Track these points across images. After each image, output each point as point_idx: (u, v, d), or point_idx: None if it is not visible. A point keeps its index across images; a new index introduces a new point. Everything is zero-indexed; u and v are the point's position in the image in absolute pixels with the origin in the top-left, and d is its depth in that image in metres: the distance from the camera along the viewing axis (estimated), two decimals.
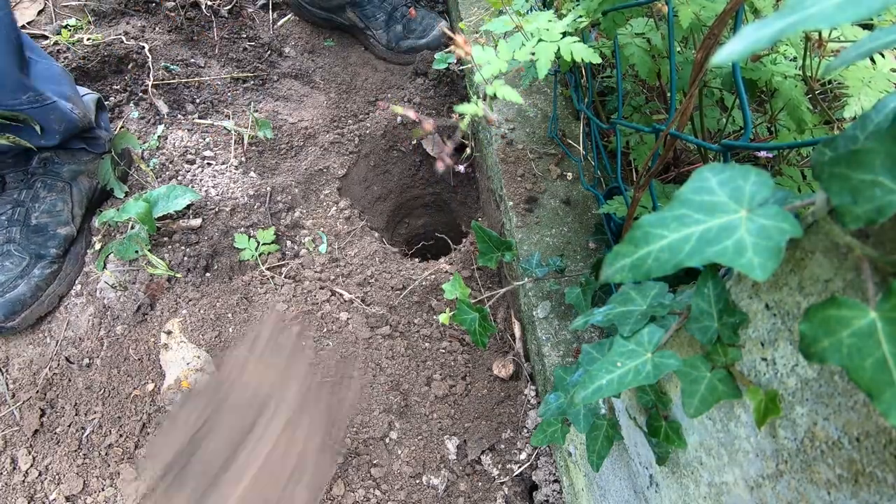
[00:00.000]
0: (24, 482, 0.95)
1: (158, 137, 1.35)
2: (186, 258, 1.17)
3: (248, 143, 1.38)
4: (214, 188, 1.30)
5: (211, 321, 1.10)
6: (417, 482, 0.97)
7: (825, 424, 0.35)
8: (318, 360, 1.08)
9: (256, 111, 1.45)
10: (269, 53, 1.61)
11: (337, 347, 1.10)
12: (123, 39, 1.48)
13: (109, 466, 0.97)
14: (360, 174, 1.51)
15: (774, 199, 0.32)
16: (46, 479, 0.96)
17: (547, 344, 0.88)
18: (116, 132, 1.33)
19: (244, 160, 1.36)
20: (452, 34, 0.55)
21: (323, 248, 1.26)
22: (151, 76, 1.44)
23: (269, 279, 1.18)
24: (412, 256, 1.34)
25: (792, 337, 0.37)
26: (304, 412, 0.71)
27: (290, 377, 0.74)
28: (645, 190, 0.66)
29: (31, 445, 0.99)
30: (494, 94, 0.57)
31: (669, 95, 0.60)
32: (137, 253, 1.15)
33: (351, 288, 1.19)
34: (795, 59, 0.71)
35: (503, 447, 1.01)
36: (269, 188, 1.32)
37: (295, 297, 1.16)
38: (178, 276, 1.15)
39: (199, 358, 0.99)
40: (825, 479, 0.35)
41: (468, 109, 0.56)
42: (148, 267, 1.14)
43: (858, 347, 0.27)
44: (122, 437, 0.99)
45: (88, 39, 1.46)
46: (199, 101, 1.45)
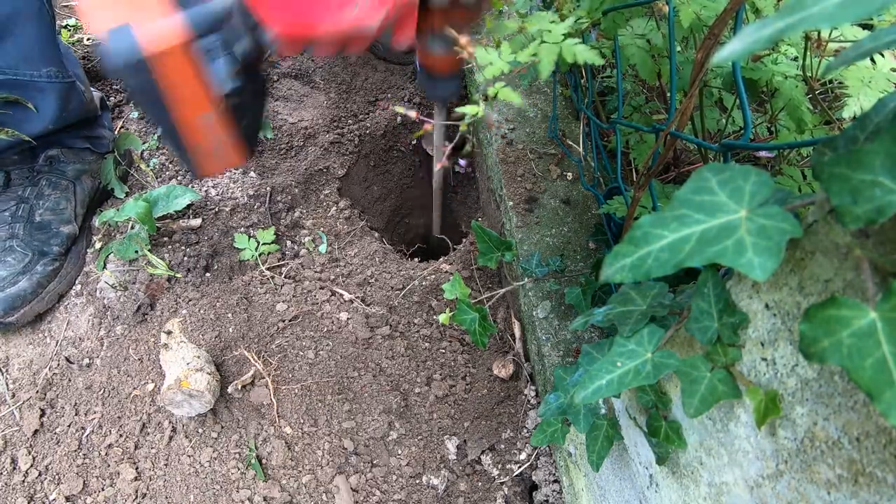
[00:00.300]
0: (24, 482, 0.95)
1: (158, 137, 1.35)
2: (186, 258, 1.17)
3: None
4: (214, 188, 1.30)
5: (211, 321, 1.10)
6: (417, 482, 0.97)
7: (825, 424, 0.35)
8: (317, 359, 1.08)
9: None
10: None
11: (337, 347, 1.10)
12: None
13: (109, 466, 0.97)
14: (360, 174, 1.51)
15: (774, 199, 0.32)
16: (46, 479, 0.96)
17: (547, 344, 0.88)
18: (118, 132, 1.33)
19: None
20: (456, 36, 0.55)
21: (323, 248, 1.26)
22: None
23: (269, 279, 1.18)
24: (412, 256, 1.34)
25: (792, 337, 0.37)
26: None
27: None
28: (645, 190, 0.66)
29: (31, 445, 0.99)
30: (495, 94, 0.57)
31: (669, 95, 0.60)
32: (137, 253, 1.15)
33: (351, 288, 1.19)
34: (796, 58, 0.71)
35: (503, 447, 1.01)
36: (269, 188, 1.32)
37: (295, 297, 1.16)
38: (178, 276, 1.15)
39: (199, 358, 0.99)
40: (825, 479, 0.35)
41: (469, 110, 0.56)
42: (148, 267, 1.14)
43: (858, 347, 0.27)
44: (122, 437, 0.99)
45: (88, 39, 1.46)
46: None
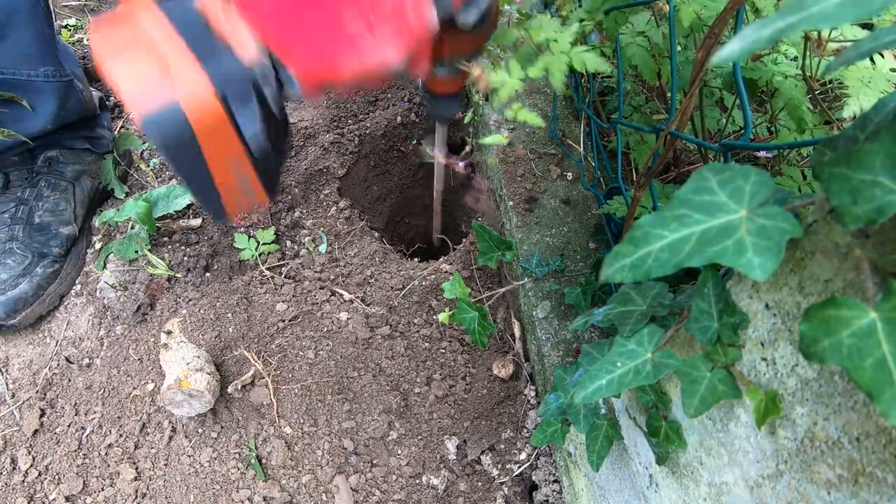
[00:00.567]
0: (24, 482, 0.95)
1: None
2: (186, 258, 1.17)
3: None
4: None
5: (211, 321, 1.10)
6: (417, 482, 0.97)
7: (825, 424, 0.35)
8: (317, 359, 1.08)
9: None
10: None
11: (337, 347, 1.10)
12: None
13: (109, 466, 0.97)
14: (360, 174, 1.51)
15: (774, 199, 0.32)
16: (46, 479, 0.96)
17: (547, 344, 0.88)
18: (118, 133, 1.33)
19: None
20: (468, 67, 0.54)
21: (323, 247, 1.26)
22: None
23: (269, 279, 1.18)
24: (412, 257, 1.34)
25: (792, 337, 0.37)
26: None
27: None
28: (645, 190, 0.66)
29: (31, 445, 0.99)
30: (514, 116, 0.57)
31: (670, 95, 0.60)
32: (137, 253, 1.15)
33: (351, 288, 1.19)
34: (796, 58, 0.71)
35: (503, 447, 1.01)
36: None
37: (295, 297, 1.16)
38: (178, 276, 1.15)
39: (199, 358, 0.99)
40: (825, 479, 0.35)
41: (495, 141, 0.56)
42: (148, 267, 1.14)
43: (858, 347, 0.27)
44: (122, 437, 0.99)
45: (88, 39, 1.46)
46: None
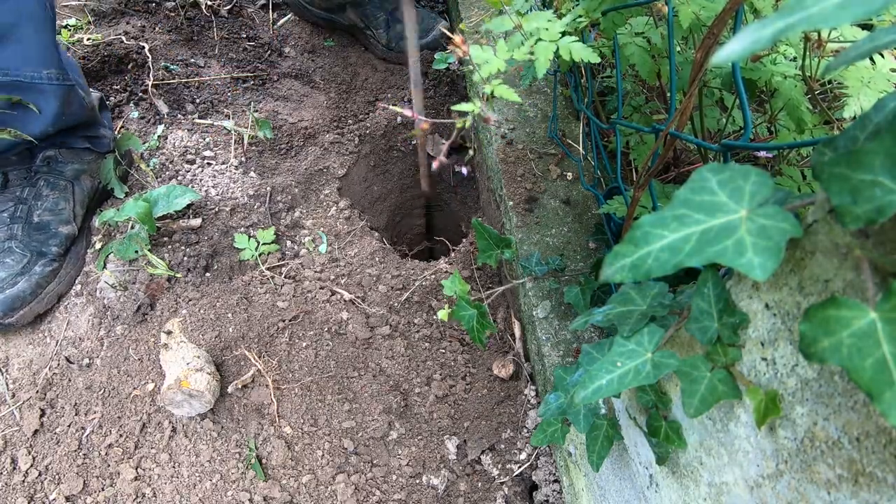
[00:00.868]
0: (24, 482, 0.95)
1: (158, 137, 1.35)
2: (186, 258, 1.17)
3: (248, 143, 1.38)
4: (214, 188, 1.30)
5: (211, 321, 1.10)
6: (417, 482, 0.97)
7: (825, 424, 0.35)
8: (317, 359, 1.08)
9: (256, 111, 1.45)
10: (269, 53, 1.61)
11: (337, 347, 1.10)
12: (123, 39, 1.48)
13: (109, 466, 0.97)
14: (360, 174, 1.51)
15: (774, 199, 0.32)
16: (46, 479, 0.96)
17: (547, 344, 0.88)
18: (118, 132, 1.33)
19: (244, 160, 1.36)
20: (451, 34, 0.55)
21: (323, 247, 1.26)
22: (151, 76, 1.44)
23: (269, 279, 1.18)
24: (412, 257, 1.34)
25: (792, 337, 0.37)
26: None
27: None
28: (645, 190, 0.66)
29: (31, 445, 0.99)
30: (492, 92, 0.57)
31: (669, 95, 0.60)
32: (137, 253, 1.15)
33: (351, 288, 1.19)
34: (795, 59, 0.71)
35: (503, 447, 1.01)
36: (269, 188, 1.32)
37: (295, 296, 1.16)
38: (178, 276, 1.15)
39: (199, 358, 0.99)
40: (825, 479, 0.35)
41: (467, 108, 0.56)
42: (148, 267, 1.14)
43: (858, 347, 0.27)
44: (122, 437, 0.99)
45: (88, 39, 1.46)
46: (199, 101, 1.45)
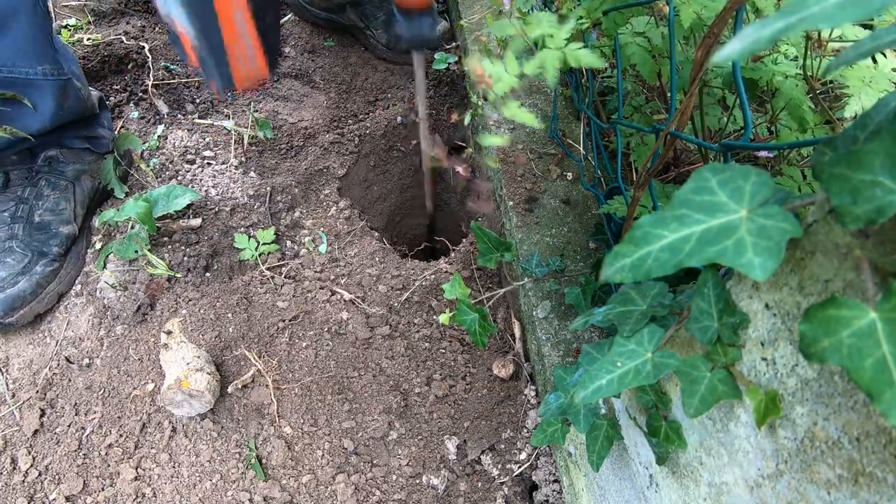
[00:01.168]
0: (24, 482, 0.95)
1: (158, 137, 1.35)
2: (186, 258, 1.17)
3: (248, 143, 1.38)
4: (214, 188, 1.30)
5: (211, 321, 1.10)
6: (417, 482, 0.97)
7: (825, 424, 0.35)
8: (317, 359, 1.08)
9: (256, 111, 1.45)
10: None
11: (337, 347, 1.10)
12: (123, 39, 1.48)
13: (109, 466, 0.97)
14: (360, 174, 1.51)
15: (775, 199, 0.32)
16: (46, 479, 0.96)
17: (547, 344, 0.88)
18: (118, 132, 1.33)
19: (244, 160, 1.36)
20: (453, 33, 0.55)
21: (323, 247, 1.26)
22: (151, 76, 1.44)
23: (269, 279, 1.18)
24: (413, 257, 1.34)
25: (792, 337, 0.37)
26: None
27: None
28: (645, 190, 0.66)
29: (31, 445, 0.99)
30: (511, 116, 0.57)
31: (670, 95, 0.60)
32: (137, 253, 1.15)
33: (351, 288, 1.19)
34: (796, 58, 0.71)
35: (503, 447, 1.01)
36: (269, 188, 1.32)
37: (295, 296, 1.16)
38: (178, 276, 1.15)
39: (199, 358, 0.99)
40: (825, 479, 0.35)
41: (495, 142, 0.56)
42: (148, 267, 1.14)
43: (858, 347, 0.27)
44: (122, 437, 0.99)
45: (88, 39, 1.46)
46: (199, 101, 1.45)
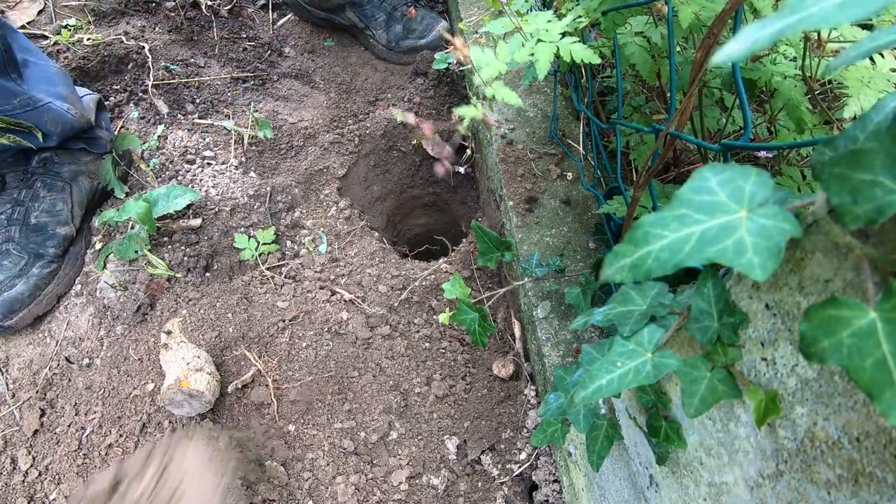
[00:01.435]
0: (24, 482, 0.95)
1: (158, 137, 1.35)
2: (186, 258, 1.17)
3: (248, 143, 1.38)
4: (214, 188, 1.30)
5: (211, 321, 1.10)
6: (417, 482, 0.97)
7: (825, 424, 0.35)
8: (317, 359, 1.08)
9: (256, 111, 1.45)
10: (269, 53, 1.61)
11: (337, 347, 1.10)
12: (123, 39, 1.48)
13: (109, 466, 0.97)
14: (360, 174, 1.51)
15: (774, 199, 0.32)
16: (46, 479, 0.96)
17: (547, 344, 0.88)
18: (117, 132, 1.33)
19: (244, 160, 1.36)
20: (451, 36, 0.55)
21: (323, 248, 1.26)
22: (151, 76, 1.44)
23: (269, 279, 1.18)
24: (413, 258, 1.34)
25: (792, 337, 0.37)
26: None
27: None
28: (644, 190, 0.66)
29: (31, 445, 0.99)
30: (493, 95, 0.57)
31: (669, 95, 0.60)
32: (137, 253, 1.15)
33: (351, 288, 1.19)
34: (795, 59, 0.71)
35: (503, 447, 1.01)
36: (269, 188, 1.32)
37: (295, 296, 1.16)
38: (178, 276, 1.15)
39: (199, 358, 0.99)
40: (825, 479, 0.35)
41: (468, 112, 0.56)
42: (148, 267, 1.14)
43: (858, 347, 0.27)
44: (122, 437, 0.99)
45: (88, 39, 1.46)
46: (199, 101, 1.45)
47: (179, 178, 1.30)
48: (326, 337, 1.11)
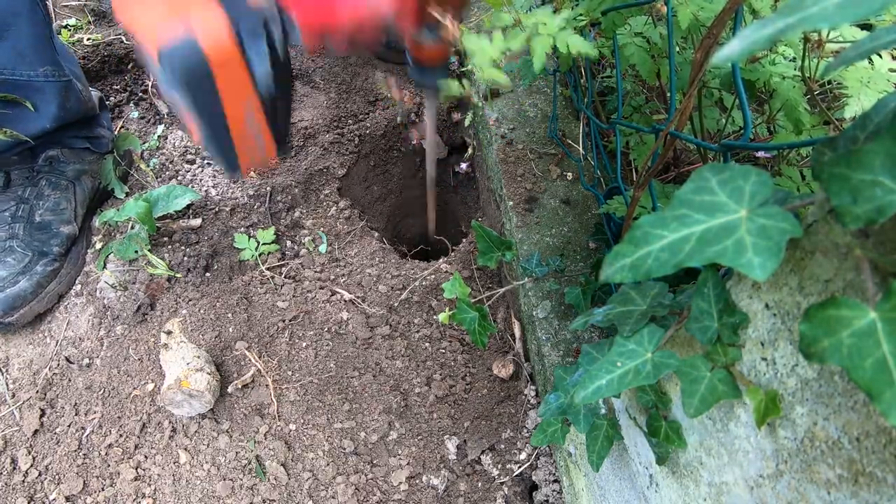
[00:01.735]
0: (24, 482, 0.95)
1: (158, 137, 1.35)
2: (186, 258, 1.17)
3: None
4: (214, 188, 1.30)
5: (211, 321, 1.10)
6: (417, 482, 0.97)
7: (825, 424, 0.35)
8: (317, 359, 1.08)
9: None
10: None
11: (337, 347, 1.10)
12: (123, 39, 1.48)
13: (109, 466, 0.97)
14: (360, 174, 1.51)
15: (774, 199, 0.32)
16: (46, 479, 0.96)
17: (547, 344, 0.88)
18: (117, 132, 1.33)
19: None
20: (442, 18, 0.54)
21: (323, 247, 1.26)
22: (151, 76, 1.44)
23: (269, 279, 1.18)
24: (413, 257, 1.34)
25: (792, 337, 0.37)
26: None
27: None
28: (644, 190, 0.66)
29: (31, 445, 0.99)
30: (489, 91, 0.57)
31: (669, 95, 0.60)
32: (137, 253, 1.15)
33: (351, 288, 1.19)
34: (794, 59, 0.71)
35: (503, 447, 1.01)
36: (269, 188, 1.32)
37: (295, 296, 1.16)
38: (178, 276, 1.15)
39: (199, 358, 0.99)
40: (825, 479, 0.35)
41: (452, 88, 0.56)
42: (148, 267, 1.14)
43: (858, 347, 0.27)
44: (122, 437, 0.99)
45: (88, 39, 1.46)
46: None
47: (179, 178, 1.30)
48: (326, 337, 1.11)
